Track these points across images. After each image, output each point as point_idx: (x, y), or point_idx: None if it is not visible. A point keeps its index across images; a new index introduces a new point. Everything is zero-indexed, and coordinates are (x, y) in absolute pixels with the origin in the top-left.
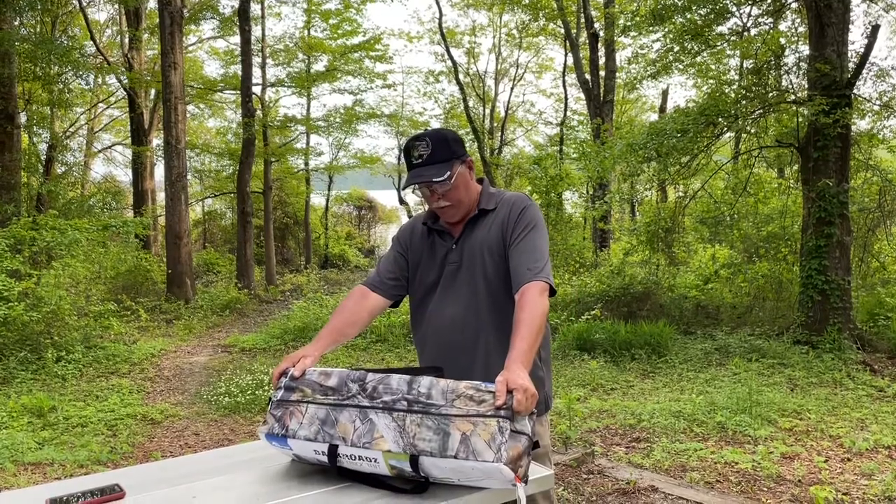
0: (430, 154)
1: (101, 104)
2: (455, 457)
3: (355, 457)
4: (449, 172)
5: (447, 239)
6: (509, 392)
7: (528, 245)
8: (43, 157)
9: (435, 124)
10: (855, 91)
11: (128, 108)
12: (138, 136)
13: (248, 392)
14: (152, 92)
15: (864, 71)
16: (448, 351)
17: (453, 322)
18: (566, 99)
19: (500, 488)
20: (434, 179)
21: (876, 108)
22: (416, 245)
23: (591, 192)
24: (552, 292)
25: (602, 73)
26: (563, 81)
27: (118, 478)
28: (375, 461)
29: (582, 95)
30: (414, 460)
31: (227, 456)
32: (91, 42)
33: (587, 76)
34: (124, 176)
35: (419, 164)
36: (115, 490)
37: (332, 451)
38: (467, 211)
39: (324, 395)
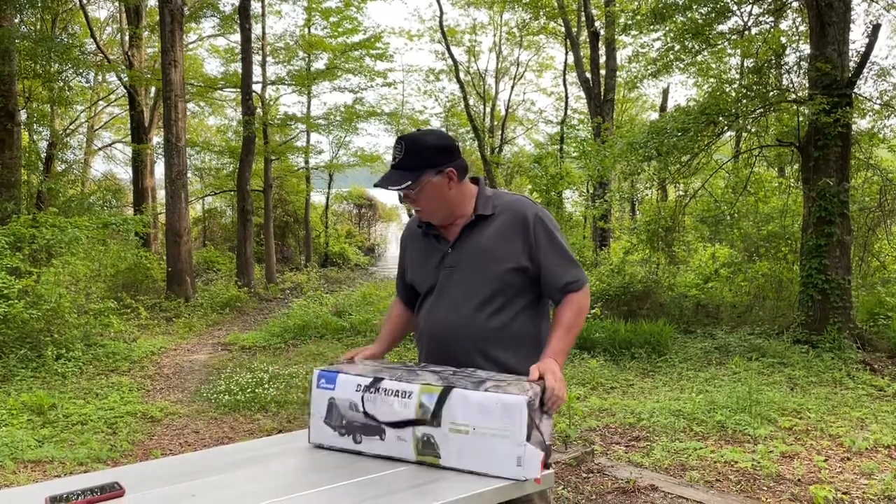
0: (400, 159)
1: (101, 102)
2: (486, 390)
3: (393, 391)
4: (410, 182)
5: (443, 243)
6: (541, 378)
7: (558, 254)
8: (43, 155)
9: (435, 122)
10: (856, 90)
11: (128, 106)
12: (138, 134)
13: (248, 390)
14: (152, 90)
15: (865, 70)
16: (444, 356)
17: (448, 327)
18: (567, 97)
19: (505, 482)
20: (389, 187)
21: (876, 107)
22: (413, 246)
23: (591, 191)
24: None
25: (603, 71)
26: (564, 80)
27: (117, 476)
28: (409, 395)
29: (582, 94)
30: (446, 392)
31: (227, 454)
32: (91, 40)
33: (588, 75)
34: (124, 174)
35: (393, 165)
36: (114, 488)
37: (376, 382)
38: (447, 219)
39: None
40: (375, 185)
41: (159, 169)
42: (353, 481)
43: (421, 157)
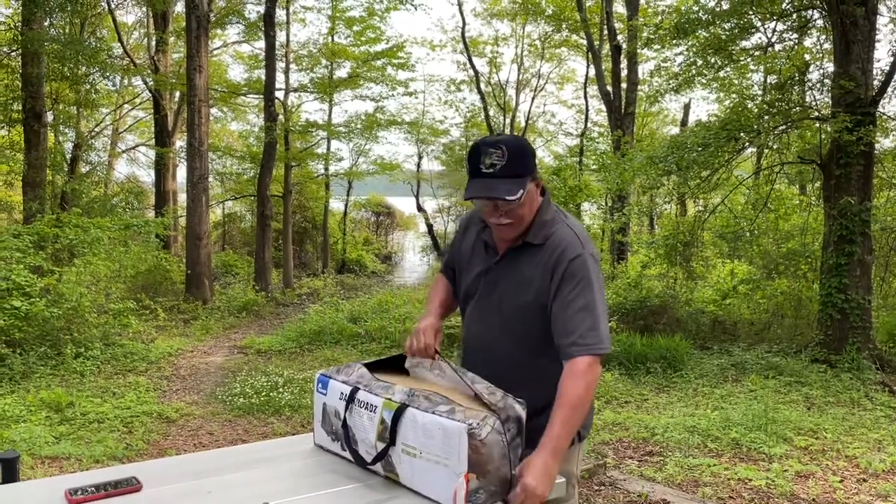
0: (504, 166)
1: (126, 105)
2: (434, 413)
3: (363, 403)
4: (522, 191)
5: (490, 253)
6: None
7: (576, 308)
8: (68, 156)
9: (455, 133)
10: (879, 109)
11: (152, 110)
12: (162, 138)
13: (263, 394)
14: (177, 94)
15: (890, 89)
16: (474, 363)
17: (481, 341)
18: (587, 110)
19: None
20: (507, 197)
21: None
22: (466, 245)
23: (609, 205)
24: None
25: (624, 85)
26: (585, 93)
27: (135, 471)
28: (374, 409)
29: (603, 107)
30: (400, 411)
31: (243, 453)
32: (118, 44)
33: (609, 88)
34: (147, 176)
35: (489, 174)
36: (132, 483)
37: (353, 394)
38: (522, 232)
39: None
40: (472, 197)
41: (181, 172)
42: (330, 491)
43: (525, 163)
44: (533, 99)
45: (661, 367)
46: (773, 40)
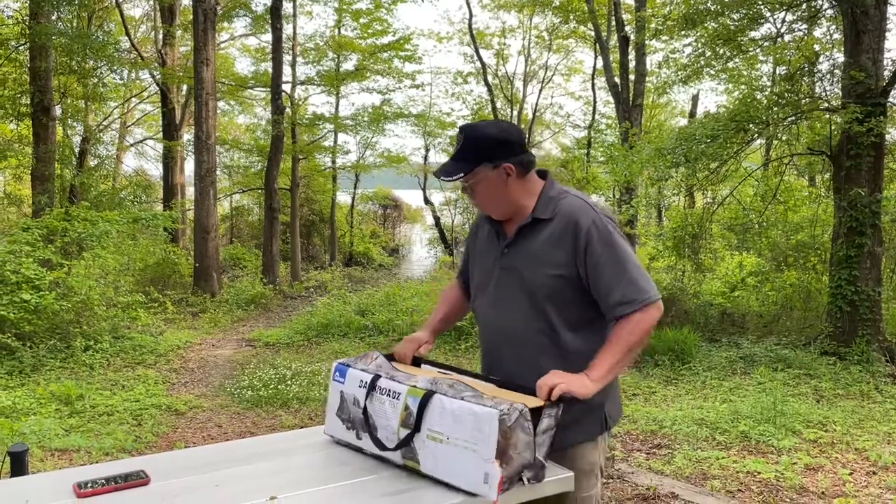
0: (459, 149)
1: (134, 99)
2: (463, 399)
3: (386, 390)
4: (463, 174)
5: (502, 239)
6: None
7: (610, 269)
8: (76, 150)
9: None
10: (890, 99)
11: (160, 104)
12: (169, 131)
13: (271, 386)
14: (184, 88)
15: None
16: (497, 360)
17: (500, 332)
18: (595, 102)
19: (472, 498)
20: (442, 177)
21: None
22: (480, 238)
23: (617, 197)
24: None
25: (632, 76)
26: (592, 84)
27: (144, 464)
28: (398, 396)
29: (611, 99)
30: (427, 397)
31: (252, 446)
32: (126, 37)
33: (616, 79)
34: (155, 170)
35: (452, 156)
36: (140, 476)
37: (374, 382)
38: (507, 214)
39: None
40: (434, 174)
41: (189, 166)
42: (341, 483)
43: (478, 149)
44: (540, 91)
45: (670, 359)
46: (782, 30)
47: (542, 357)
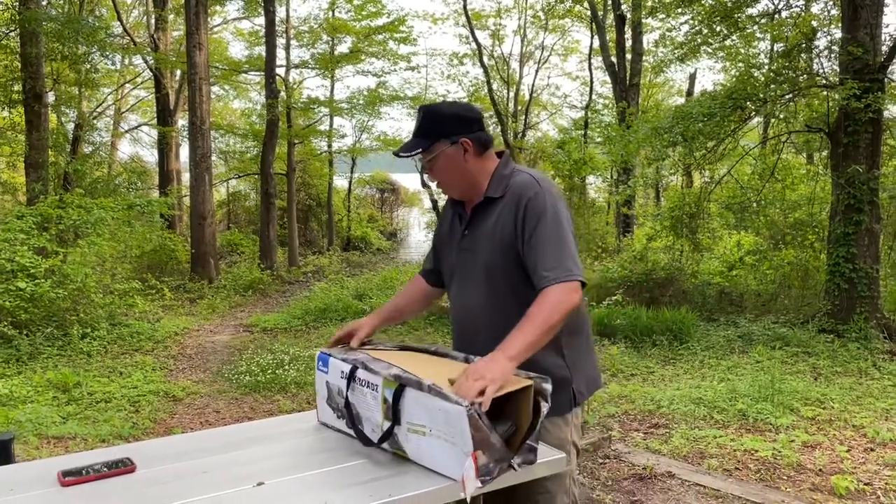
0: (416, 127)
1: (127, 85)
2: (429, 391)
3: (364, 382)
4: (421, 149)
5: (462, 222)
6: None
7: (540, 242)
8: (70, 137)
9: None
10: (888, 75)
11: (154, 89)
12: (164, 117)
13: (269, 371)
14: (178, 73)
15: None
16: (467, 343)
17: (466, 311)
18: (591, 82)
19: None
20: (401, 153)
21: None
22: (445, 225)
23: (615, 177)
24: (583, 284)
25: (629, 55)
26: (589, 64)
27: (130, 452)
28: (376, 388)
29: (608, 78)
30: (400, 390)
31: (242, 432)
32: (118, 22)
33: (613, 59)
34: (150, 156)
35: (412, 133)
36: (126, 464)
37: (353, 372)
38: (466, 193)
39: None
40: (393, 153)
41: (184, 152)
42: (329, 469)
43: (437, 125)
44: (537, 71)
45: (668, 339)
46: (779, 7)
47: (504, 334)
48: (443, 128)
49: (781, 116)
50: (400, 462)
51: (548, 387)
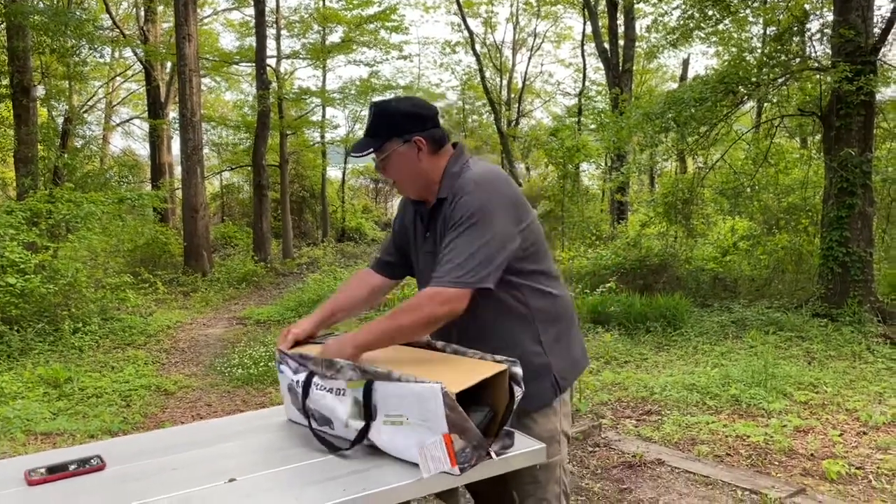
0: (368, 126)
1: (118, 78)
2: (399, 379)
3: (323, 387)
4: (372, 149)
5: (423, 223)
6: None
7: (450, 247)
8: (60, 131)
9: (451, 96)
10: (880, 57)
11: (144, 82)
12: (155, 110)
13: (262, 364)
14: (168, 65)
15: (890, 36)
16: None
17: None
18: (584, 69)
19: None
20: (353, 154)
21: None
22: (407, 224)
23: (609, 164)
24: (483, 291)
25: (621, 41)
26: (582, 51)
27: (100, 450)
28: (342, 393)
29: (601, 65)
30: (368, 386)
31: (214, 428)
32: (107, 15)
33: (606, 45)
34: (143, 150)
35: (364, 133)
36: (95, 462)
37: (308, 380)
38: (422, 193)
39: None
40: (346, 154)
41: (176, 145)
42: (302, 464)
43: (388, 124)
44: (529, 59)
45: (661, 325)
46: None
47: (463, 336)
48: (395, 126)
49: (774, 100)
50: (376, 456)
51: (518, 370)
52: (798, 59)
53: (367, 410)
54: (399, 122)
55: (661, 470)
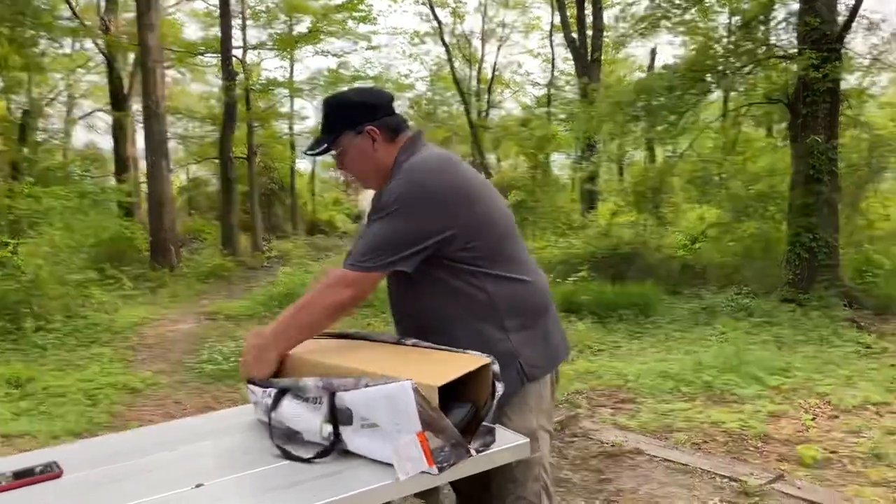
0: (322, 122)
1: (80, 69)
2: (367, 386)
3: (301, 397)
4: (326, 145)
5: None
6: None
7: (366, 233)
8: (19, 124)
9: (421, 87)
10: (845, 45)
11: (106, 73)
12: (118, 102)
13: (232, 359)
14: (131, 56)
15: (854, 24)
16: (398, 326)
17: (393, 300)
18: (553, 59)
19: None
20: (307, 152)
21: (865, 62)
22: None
23: (579, 154)
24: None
25: (589, 31)
26: (551, 41)
27: (58, 455)
28: (319, 399)
29: (569, 55)
30: (332, 396)
31: (181, 429)
32: (66, 5)
33: (574, 35)
34: (106, 143)
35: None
36: (51, 469)
37: (280, 393)
38: (383, 185)
39: None
40: (303, 153)
41: (141, 138)
42: (274, 466)
43: (340, 117)
44: (499, 49)
45: (633, 313)
46: None
47: (427, 325)
48: (346, 119)
49: (741, 89)
50: (349, 457)
51: (496, 368)
52: (764, 48)
53: (334, 418)
54: (350, 115)
55: (640, 459)
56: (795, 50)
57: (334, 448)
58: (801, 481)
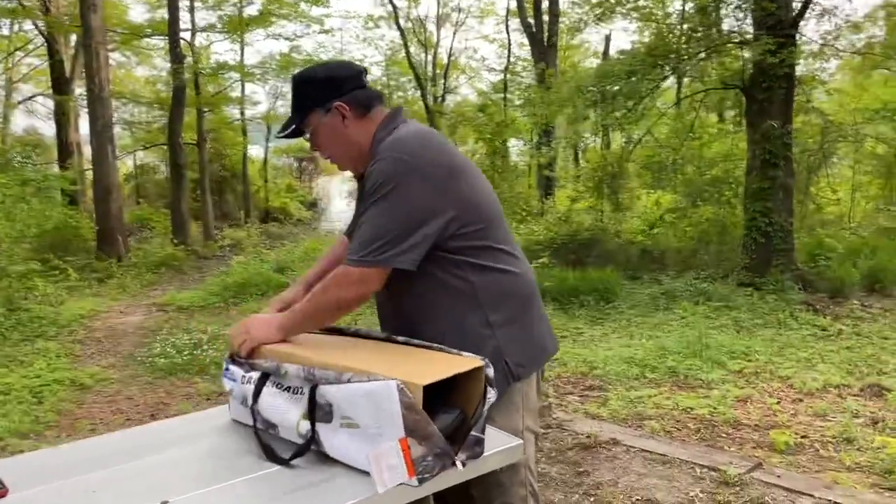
0: (292, 101)
1: (18, 52)
2: (349, 381)
3: (282, 385)
4: (295, 126)
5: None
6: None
7: (364, 218)
8: None
9: (376, 71)
10: (800, 31)
11: (47, 56)
12: (59, 86)
13: (186, 352)
14: (73, 38)
15: (809, 10)
16: (382, 321)
17: (376, 303)
18: (509, 44)
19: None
20: (277, 134)
21: (816, 48)
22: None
23: (536, 139)
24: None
25: (545, 17)
26: (507, 26)
27: (1, 469)
28: (300, 390)
29: (525, 40)
30: (313, 391)
31: (145, 435)
32: None
33: (530, 20)
34: (48, 128)
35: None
36: None
37: (262, 379)
38: (358, 165)
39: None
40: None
41: (85, 122)
42: (246, 478)
43: (308, 95)
44: (454, 34)
45: (595, 299)
46: None
47: (410, 318)
48: (314, 97)
49: (697, 75)
50: (326, 465)
51: (491, 372)
52: (719, 34)
53: (312, 414)
54: (318, 92)
55: (617, 450)
56: (751, 35)
57: (310, 447)
58: (779, 469)
